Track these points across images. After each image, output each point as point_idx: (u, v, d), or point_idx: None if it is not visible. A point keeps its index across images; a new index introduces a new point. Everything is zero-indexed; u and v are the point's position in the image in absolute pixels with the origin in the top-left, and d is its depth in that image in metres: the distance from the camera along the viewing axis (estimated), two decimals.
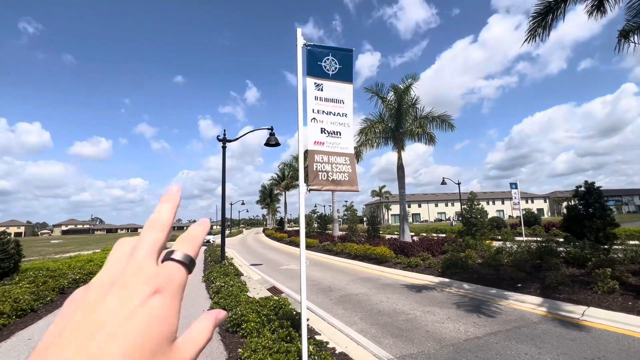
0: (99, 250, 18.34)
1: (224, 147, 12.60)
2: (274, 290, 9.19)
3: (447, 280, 9.09)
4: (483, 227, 13.25)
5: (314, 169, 3.60)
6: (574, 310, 5.79)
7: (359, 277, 10.50)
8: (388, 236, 22.61)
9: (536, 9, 7.30)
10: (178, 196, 0.35)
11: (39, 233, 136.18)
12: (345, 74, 3.91)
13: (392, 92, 16.50)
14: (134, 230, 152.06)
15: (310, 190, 3.58)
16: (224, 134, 12.72)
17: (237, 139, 13.01)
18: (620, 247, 9.40)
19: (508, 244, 10.95)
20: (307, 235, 27.80)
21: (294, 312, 5.64)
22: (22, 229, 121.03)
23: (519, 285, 7.60)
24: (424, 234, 27.96)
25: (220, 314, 0.31)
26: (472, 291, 7.82)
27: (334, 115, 3.78)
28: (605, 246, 8.72)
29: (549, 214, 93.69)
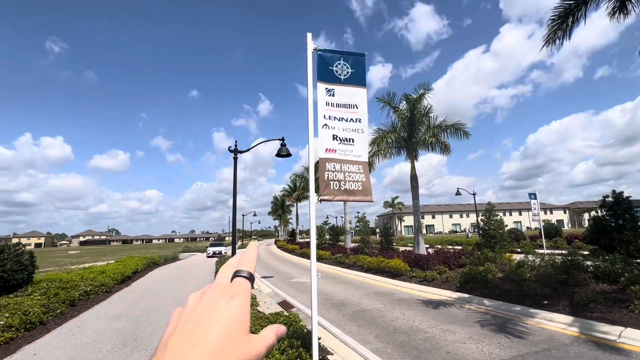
0: (113, 262, 18.45)
1: (235, 158, 12.56)
2: (284, 304, 8.90)
3: (466, 295, 8.63)
4: (502, 239, 12.67)
5: (325, 178, 3.40)
6: (610, 331, 5.30)
7: (372, 292, 10.11)
8: (402, 248, 22.04)
9: (555, 12, 7.03)
10: (257, 251, 0.47)
11: (57, 244, 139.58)
12: (358, 78, 3.74)
13: (405, 102, 16.28)
14: (148, 241, 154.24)
15: (321, 200, 3.37)
16: (235, 145, 12.71)
17: (248, 150, 12.97)
18: None
19: (530, 257, 10.38)
20: (319, 247, 27.41)
21: (305, 330, 5.36)
22: (42, 240, 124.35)
23: (545, 302, 7.10)
24: (439, 246, 27.15)
25: (281, 329, 0.40)
26: (494, 308, 7.35)
27: (347, 121, 3.60)
28: (639, 260, 8.12)
29: (570, 226, 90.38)
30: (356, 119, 3.65)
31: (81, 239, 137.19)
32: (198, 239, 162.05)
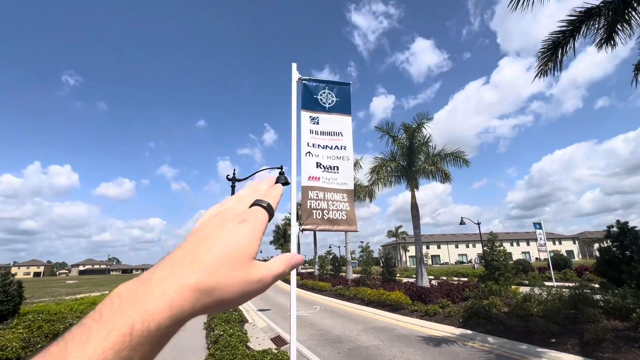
0: (107, 292, 18.00)
1: (233, 187, 12.57)
2: (278, 340, 8.46)
3: (469, 332, 8.16)
4: (507, 270, 12.21)
5: (308, 207, 3.30)
6: None
7: (371, 327, 9.62)
8: (404, 280, 21.36)
9: (544, 44, 7.20)
10: (273, 179, 0.46)
11: (57, 273, 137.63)
12: (343, 107, 3.75)
13: (403, 131, 16.45)
14: None
15: (303, 230, 3.25)
16: (234, 174, 12.77)
17: (245, 179, 13.00)
18: None
19: (537, 290, 9.92)
20: (320, 278, 26.67)
21: None
22: (41, 269, 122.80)
23: (553, 340, 6.67)
24: (444, 278, 26.28)
25: (295, 258, 0.38)
26: (498, 346, 6.90)
27: (331, 148, 3.56)
28: None
29: (580, 256, 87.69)
30: (341, 147, 3.61)
31: (81, 268, 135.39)
32: None
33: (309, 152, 3.46)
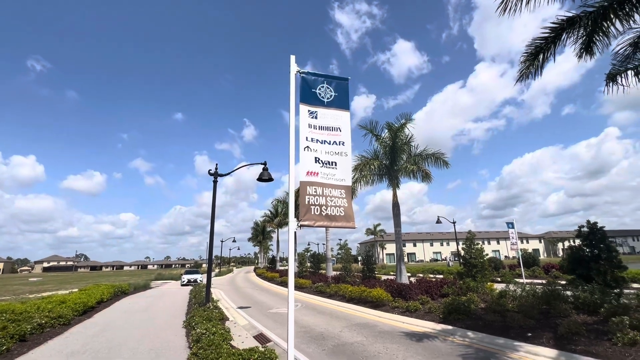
0: (76, 290, 17.10)
1: (215, 182, 12.25)
2: (261, 338, 8.34)
3: (449, 327, 8.37)
4: (484, 268, 12.66)
5: (306, 203, 3.23)
6: None
7: (354, 323, 9.68)
8: (384, 277, 21.66)
9: (527, 50, 7.44)
10: None
11: (18, 270, 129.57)
12: (341, 102, 3.71)
13: (387, 130, 16.65)
14: (119, 267, 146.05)
15: (301, 226, 3.18)
16: (216, 169, 12.43)
17: (228, 173, 12.71)
18: (629, 291, 8.87)
19: (512, 287, 10.34)
20: (299, 276, 26.60)
21: None
22: (0, 265, 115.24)
23: (529, 334, 6.96)
24: (421, 275, 26.97)
25: None
26: (478, 341, 7.12)
27: (330, 144, 3.51)
28: (616, 290, 8.20)
29: (545, 255, 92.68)
30: (339, 142, 3.57)
31: (45, 264, 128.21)
32: (173, 266, 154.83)
33: (307, 146, 3.39)
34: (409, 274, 25.07)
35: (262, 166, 12.15)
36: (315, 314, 11.47)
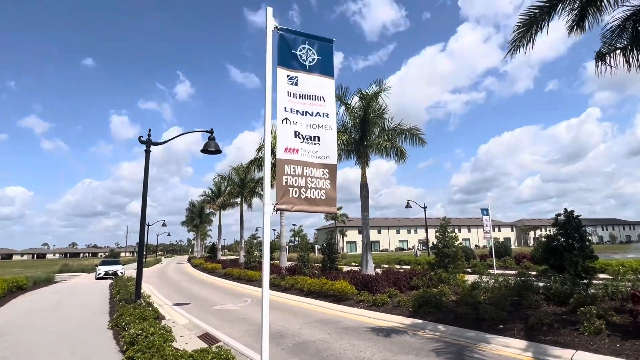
0: None
1: (147, 152, 11.76)
2: (207, 338, 8.53)
3: (419, 321, 9.21)
4: (456, 258, 13.87)
5: (284, 184, 3.39)
6: (562, 355, 6.12)
7: (315, 319, 10.22)
8: (346, 268, 22.70)
9: (520, 20, 8.04)
10: None
11: None
12: (325, 67, 3.84)
13: (358, 98, 16.96)
14: (6, 257, 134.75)
15: (277, 209, 3.34)
16: (149, 135, 11.91)
17: (166, 141, 12.25)
18: (598, 281, 10.35)
19: (484, 279, 11.51)
20: (248, 267, 26.89)
21: None
22: None
23: (501, 326, 7.93)
24: (386, 266, 28.61)
25: None
26: (449, 334, 7.97)
27: (312, 115, 3.65)
28: (585, 281, 9.53)
29: (516, 244, 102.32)
30: (323, 114, 3.72)
31: None
32: (82, 255, 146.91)
33: (286, 118, 3.49)
34: (374, 265, 26.48)
35: (208, 135, 11.90)
36: (269, 310, 11.84)
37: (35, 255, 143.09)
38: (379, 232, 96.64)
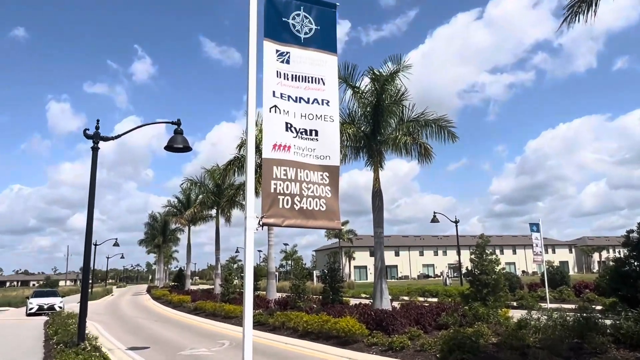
0: None
1: (95, 149, 11.74)
2: None
3: None
4: (498, 288, 13.81)
5: (272, 191, 3.39)
6: None
7: None
8: (353, 301, 22.65)
9: None
10: None
11: None
12: (325, 40, 3.86)
13: (370, 80, 16.99)
14: None
15: (264, 224, 3.33)
16: (97, 127, 11.89)
17: (120, 135, 12.26)
18: None
19: (534, 315, 11.48)
20: (225, 299, 26.81)
21: None
22: None
23: None
24: (406, 298, 28.56)
25: None
26: None
27: (308, 102, 3.67)
28: None
29: (576, 269, 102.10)
30: (322, 101, 3.73)
31: None
32: (8, 284, 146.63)
33: (275, 105, 3.50)
34: (390, 297, 26.45)
35: (175, 127, 11.87)
36: (254, 356, 11.80)
37: None
38: (397, 255, 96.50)
